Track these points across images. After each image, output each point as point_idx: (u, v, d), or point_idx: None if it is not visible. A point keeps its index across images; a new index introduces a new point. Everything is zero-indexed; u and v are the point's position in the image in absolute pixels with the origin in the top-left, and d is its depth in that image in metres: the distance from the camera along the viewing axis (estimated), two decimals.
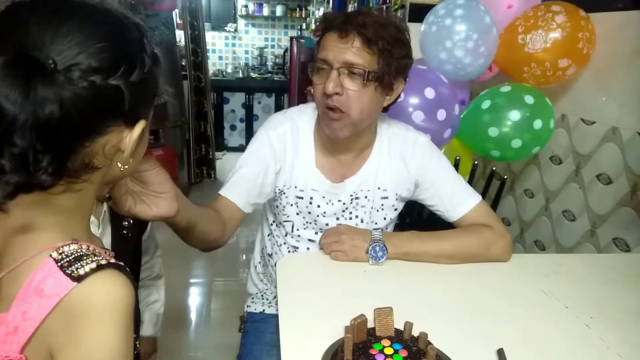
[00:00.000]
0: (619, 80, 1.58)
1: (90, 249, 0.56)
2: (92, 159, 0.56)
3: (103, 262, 0.54)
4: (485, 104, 1.68)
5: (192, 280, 2.76)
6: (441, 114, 1.61)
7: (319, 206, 1.18)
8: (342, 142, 1.13)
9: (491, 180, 1.83)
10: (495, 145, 1.67)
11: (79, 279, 0.52)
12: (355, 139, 1.13)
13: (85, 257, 0.54)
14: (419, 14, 2.45)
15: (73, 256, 0.54)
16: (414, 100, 1.59)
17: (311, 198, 1.17)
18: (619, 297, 1.04)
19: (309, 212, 1.19)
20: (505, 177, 1.82)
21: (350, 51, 1.00)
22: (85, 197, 0.60)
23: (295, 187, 1.17)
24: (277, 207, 1.22)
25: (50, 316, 0.51)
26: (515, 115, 1.60)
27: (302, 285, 1.01)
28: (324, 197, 1.18)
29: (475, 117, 1.72)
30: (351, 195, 1.18)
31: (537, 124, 1.59)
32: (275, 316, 0.92)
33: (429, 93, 1.60)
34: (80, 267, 0.53)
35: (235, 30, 5.93)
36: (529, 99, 1.61)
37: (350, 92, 1.02)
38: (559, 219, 1.87)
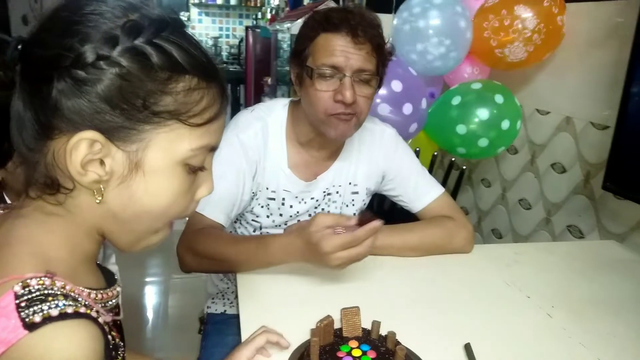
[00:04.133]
0: (573, 71, 1.61)
1: (66, 288, 0.46)
2: (50, 172, 0.48)
3: (70, 310, 0.44)
4: (455, 100, 1.66)
5: (147, 279, 2.66)
6: (407, 108, 1.59)
7: (291, 206, 1.15)
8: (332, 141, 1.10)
9: (450, 171, 1.84)
10: (461, 143, 1.66)
11: (31, 327, 0.41)
12: None
13: (51, 299, 0.43)
14: (377, 2, 2.43)
15: (38, 293, 0.43)
16: (381, 91, 1.57)
17: (283, 199, 1.14)
18: (578, 285, 1.06)
19: (281, 215, 1.15)
20: (464, 167, 1.84)
21: (362, 57, 0.97)
22: (69, 228, 0.51)
23: (267, 188, 1.13)
24: (245, 207, 1.16)
25: None
26: (484, 113, 1.59)
27: (264, 284, 0.98)
28: (296, 197, 1.14)
29: (443, 113, 1.70)
30: (324, 192, 1.16)
31: (505, 124, 1.59)
32: (237, 317, 0.88)
33: (396, 86, 1.58)
34: (39, 311, 0.42)
35: (188, 19, 5.75)
36: (499, 98, 1.60)
37: (362, 99, 1.00)
38: (515, 207, 1.91)
